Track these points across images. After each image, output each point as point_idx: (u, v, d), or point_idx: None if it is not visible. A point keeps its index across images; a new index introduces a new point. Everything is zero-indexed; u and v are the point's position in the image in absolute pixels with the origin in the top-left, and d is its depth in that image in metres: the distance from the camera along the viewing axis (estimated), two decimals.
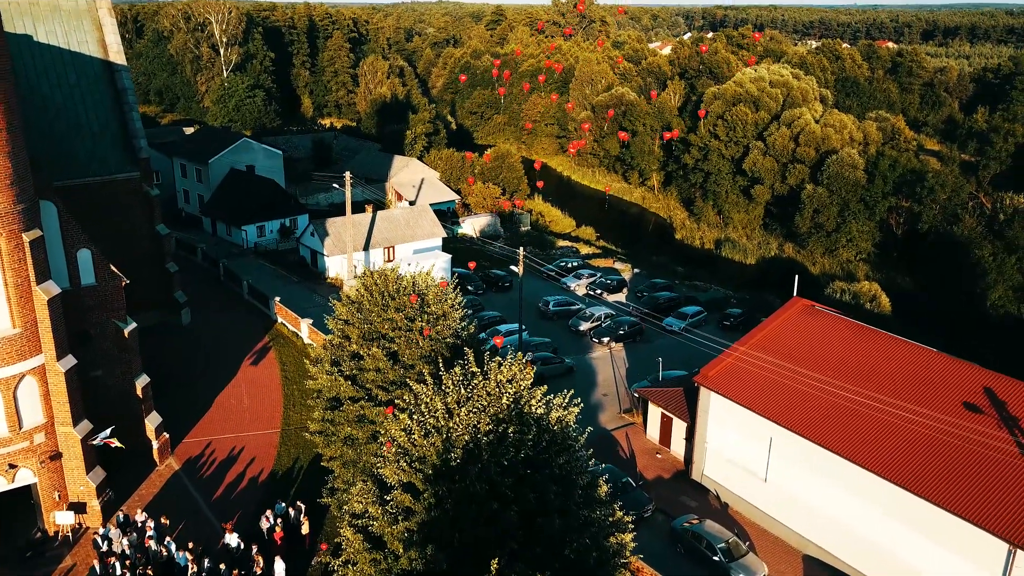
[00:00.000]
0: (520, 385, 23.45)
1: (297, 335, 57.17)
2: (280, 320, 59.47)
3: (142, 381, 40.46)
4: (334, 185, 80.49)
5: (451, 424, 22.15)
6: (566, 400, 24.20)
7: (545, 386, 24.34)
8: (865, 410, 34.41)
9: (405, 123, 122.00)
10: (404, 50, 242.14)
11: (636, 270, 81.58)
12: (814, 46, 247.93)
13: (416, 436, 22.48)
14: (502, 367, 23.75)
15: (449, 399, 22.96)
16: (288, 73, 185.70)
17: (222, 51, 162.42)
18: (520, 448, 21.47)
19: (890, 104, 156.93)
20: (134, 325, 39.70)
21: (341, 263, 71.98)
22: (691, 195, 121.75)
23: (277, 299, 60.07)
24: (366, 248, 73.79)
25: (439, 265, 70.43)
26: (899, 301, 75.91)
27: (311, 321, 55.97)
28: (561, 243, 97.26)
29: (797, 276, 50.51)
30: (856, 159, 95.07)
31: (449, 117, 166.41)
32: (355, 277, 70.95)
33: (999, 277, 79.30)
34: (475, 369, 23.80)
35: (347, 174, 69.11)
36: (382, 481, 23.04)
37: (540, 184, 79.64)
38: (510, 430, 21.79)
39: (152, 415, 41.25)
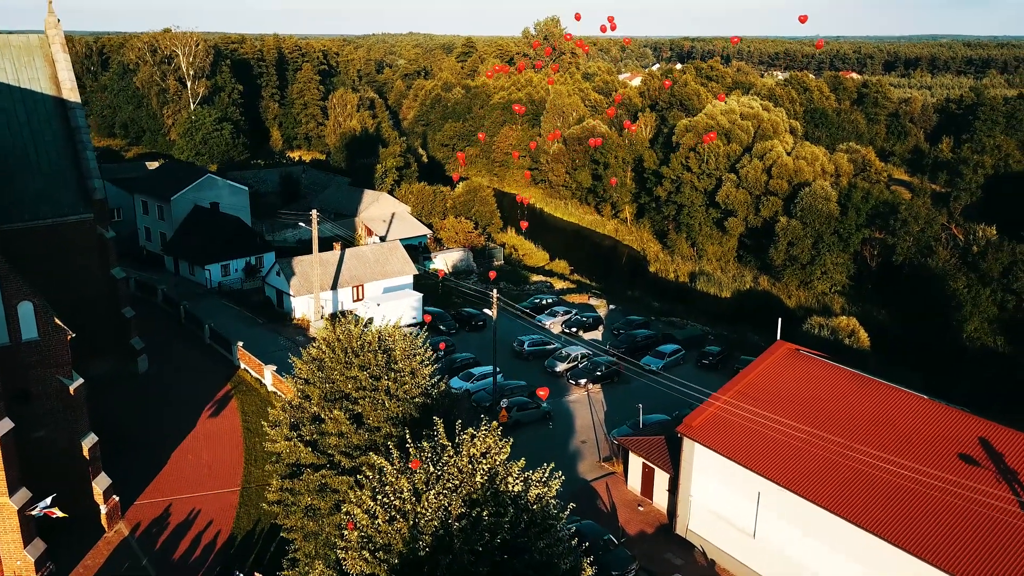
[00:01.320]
0: (495, 460, 21.46)
1: (261, 382, 54.59)
2: (243, 366, 56.86)
3: (89, 441, 37.73)
4: (300, 224, 78.30)
5: (419, 508, 20.05)
6: (546, 474, 22.21)
7: (523, 460, 22.32)
8: (859, 465, 32.79)
9: (375, 157, 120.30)
10: (375, 82, 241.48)
11: (612, 306, 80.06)
12: (781, 78, 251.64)
13: (380, 521, 20.33)
14: (475, 439, 21.75)
15: (417, 479, 20.88)
16: (257, 106, 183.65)
17: (189, 84, 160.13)
18: (496, 532, 19.45)
19: (858, 135, 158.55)
20: (81, 381, 37.07)
21: (308, 303, 69.55)
22: (664, 227, 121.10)
23: (240, 344, 57.49)
24: (334, 287, 71.50)
25: (410, 304, 68.35)
26: (877, 335, 75.11)
27: (275, 368, 53.45)
28: (535, 278, 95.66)
29: (780, 319, 49.09)
30: (829, 191, 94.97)
31: (420, 150, 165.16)
32: (322, 318, 68.63)
33: (974, 309, 78.97)
34: (445, 442, 21.78)
35: (313, 212, 66.99)
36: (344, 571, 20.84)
37: (524, 225, 77.91)
38: (484, 513, 19.75)
39: (100, 477, 38.47)
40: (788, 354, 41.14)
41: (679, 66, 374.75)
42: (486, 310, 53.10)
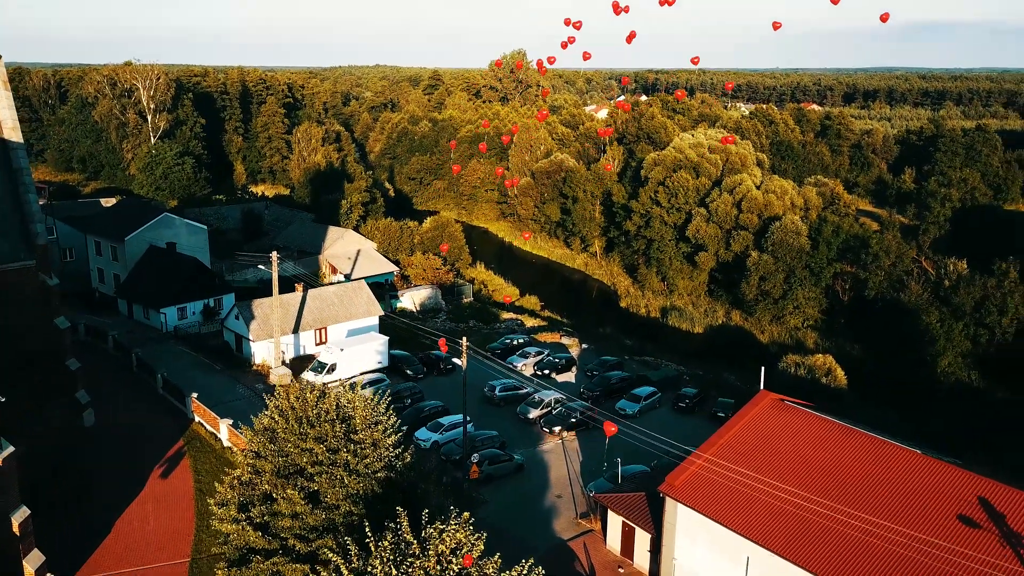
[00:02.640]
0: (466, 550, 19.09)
1: (216, 437, 51.43)
2: (197, 419, 53.65)
3: (20, 515, 34.35)
4: (259, 266, 75.43)
5: None
6: (525, 570, 19.87)
7: (499, 557, 19.96)
8: (852, 531, 30.85)
9: (340, 192, 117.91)
10: (341, 114, 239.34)
11: (584, 345, 78.10)
12: (746, 110, 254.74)
13: None
14: (444, 534, 19.38)
15: None
16: (220, 139, 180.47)
17: (149, 117, 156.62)
18: None
19: (824, 167, 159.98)
20: (10, 450, 33.80)
21: (268, 348, 66.50)
22: (634, 261, 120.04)
23: (194, 396, 54.29)
24: (296, 331, 68.63)
25: (375, 348, 65.69)
26: (853, 372, 74.03)
27: (231, 421, 50.37)
28: (505, 315, 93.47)
29: (763, 368, 47.43)
30: (799, 225, 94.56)
31: (387, 184, 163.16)
32: (283, 364, 65.66)
33: (947, 344, 78.51)
34: (410, 538, 19.37)
35: (273, 254, 64.27)
36: None
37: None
38: None
39: (33, 554, 35.03)
40: (772, 405, 39.32)
41: (644, 98, 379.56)
42: (455, 359, 50.70)
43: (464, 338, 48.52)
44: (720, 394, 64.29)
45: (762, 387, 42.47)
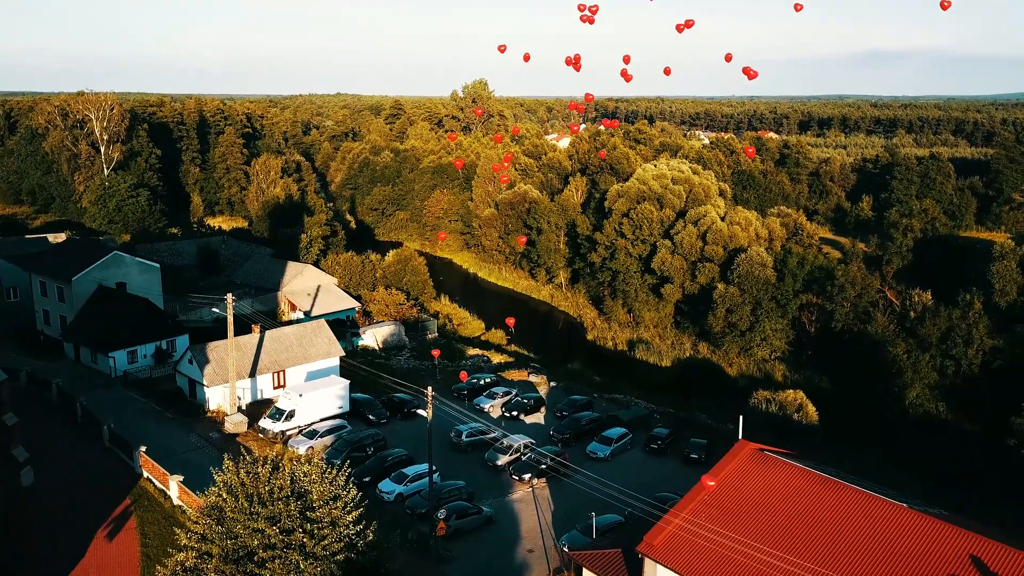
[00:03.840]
0: None
1: (165, 495, 48.43)
2: (146, 475, 50.58)
3: None
4: (213, 310, 72.62)
5: None
6: None
7: None
8: None
9: (300, 225, 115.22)
10: (301, 143, 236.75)
11: (553, 383, 76.33)
12: (706, 139, 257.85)
13: None
14: None
15: None
16: (177, 170, 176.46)
17: (102, 148, 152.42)
18: None
19: (784, 196, 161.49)
20: None
21: (224, 394, 63.59)
22: (600, 293, 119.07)
23: (142, 449, 51.24)
24: (253, 374, 65.78)
25: (335, 393, 63.15)
26: (823, 406, 73.32)
27: (181, 478, 47.48)
28: (471, 351, 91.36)
29: (742, 417, 46.11)
30: (765, 257, 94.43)
31: (348, 216, 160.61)
32: (239, 410, 62.76)
33: (915, 376, 78.31)
34: None
35: (228, 296, 61.67)
36: None
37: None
38: None
39: None
40: (752, 456, 37.88)
41: (603, 126, 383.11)
42: (420, 410, 48.53)
43: (429, 388, 46.44)
44: (692, 434, 62.92)
45: (740, 435, 41.07)
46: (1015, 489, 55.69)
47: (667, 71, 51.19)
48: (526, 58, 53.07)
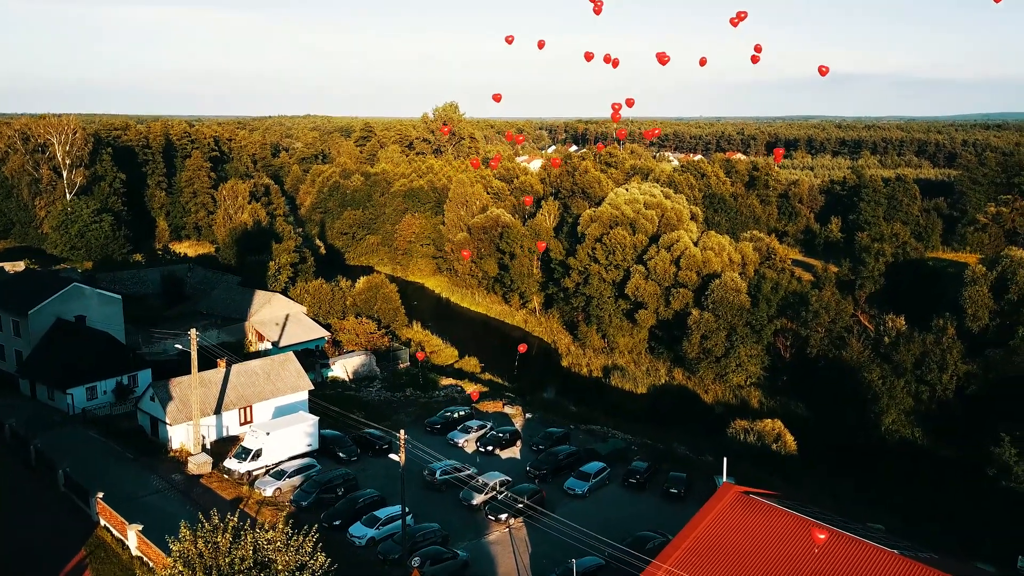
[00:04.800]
0: None
1: (123, 545, 46.05)
2: (103, 523, 48.14)
3: None
4: (176, 346, 70.16)
5: None
6: None
7: None
8: None
9: (268, 252, 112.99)
10: (270, 166, 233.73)
11: (528, 414, 74.84)
12: (676, 161, 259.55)
13: None
14: None
15: None
16: (142, 195, 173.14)
17: (65, 173, 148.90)
18: None
19: (755, 218, 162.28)
20: None
21: (187, 432, 61.23)
22: (574, 318, 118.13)
23: (99, 495, 48.81)
24: (218, 411, 63.50)
25: (304, 430, 61.09)
26: (799, 432, 72.85)
27: (140, 527, 45.17)
28: (445, 381, 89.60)
29: (726, 459, 45.07)
30: (739, 282, 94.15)
31: (318, 241, 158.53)
32: (204, 450, 60.44)
33: (890, 402, 78.11)
34: None
35: (192, 331, 59.54)
36: None
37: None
38: None
39: None
40: (737, 501, 36.74)
41: (574, 148, 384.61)
42: (393, 456, 46.82)
43: (402, 431, 44.79)
44: (671, 467, 61.80)
45: (724, 477, 39.96)
46: (995, 525, 55.20)
47: (630, 102, 51.57)
48: (496, 98, 52.74)
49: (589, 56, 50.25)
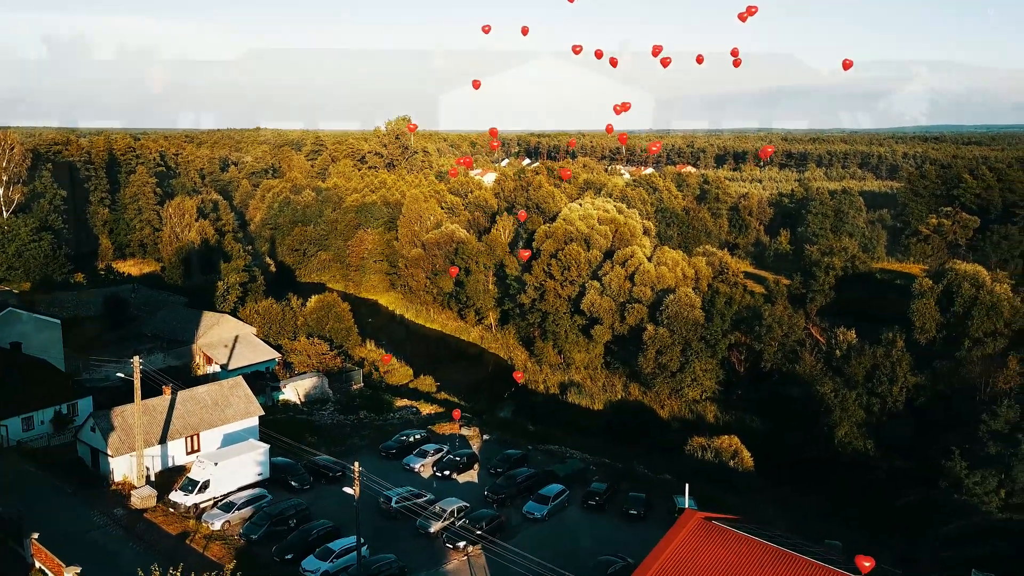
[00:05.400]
0: None
1: None
2: (38, 565, 45.64)
3: None
4: (119, 375, 67.55)
5: None
6: None
7: None
8: None
9: (216, 272, 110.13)
10: (219, 181, 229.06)
11: (486, 436, 73.84)
12: (625, 173, 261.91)
13: None
14: None
15: None
16: (84, 212, 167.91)
17: (1, 190, 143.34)
18: None
19: (707, 232, 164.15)
20: None
21: (130, 463, 58.78)
22: (530, 334, 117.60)
23: (34, 536, 46.30)
24: (163, 440, 61.16)
25: (254, 459, 59.15)
26: (756, 449, 73.15)
27: (79, 569, 42.89)
28: (400, 402, 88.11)
29: (688, 485, 44.70)
30: (693, 298, 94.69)
31: (268, 259, 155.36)
32: (147, 482, 58.07)
33: (843, 414, 79.03)
34: None
35: (135, 359, 57.25)
36: None
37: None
38: None
39: None
40: (700, 527, 36.31)
41: (527, 161, 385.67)
42: (347, 489, 45.36)
43: (356, 464, 43.45)
44: (630, 486, 61.43)
45: (687, 503, 39.54)
46: (949, 538, 55.89)
47: (626, 106, 52.02)
48: (475, 85, 53.12)
49: (577, 49, 51.08)
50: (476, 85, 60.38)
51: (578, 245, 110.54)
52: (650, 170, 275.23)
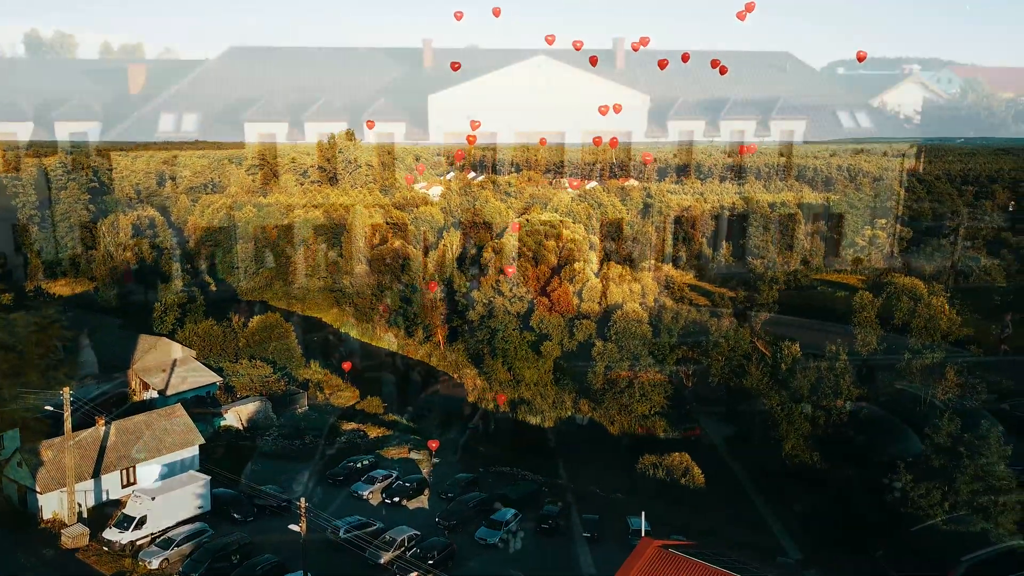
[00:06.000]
0: None
1: None
2: None
3: None
4: (47, 407, 64.30)
5: None
6: None
7: None
8: None
9: (153, 292, 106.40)
10: (156, 196, 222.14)
11: (435, 459, 72.52)
12: (570, 189, 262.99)
13: None
14: None
15: None
16: (11, 230, 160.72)
17: None
18: None
19: (651, 245, 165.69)
20: None
21: (61, 500, 55.82)
22: (479, 351, 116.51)
23: None
24: (96, 474, 58.40)
25: (194, 492, 56.82)
26: (707, 465, 73.48)
27: None
28: (347, 426, 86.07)
29: (643, 512, 44.27)
30: (640, 313, 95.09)
31: (208, 277, 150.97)
32: (79, 519, 55.21)
33: (789, 428, 79.94)
34: None
35: (65, 390, 54.50)
36: None
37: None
38: None
39: None
40: (656, 557, 35.82)
41: (472, 174, 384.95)
42: (293, 527, 43.72)
43: (302, 499, 41.86)
44: (583, 508, 60.98)
45: (643, 531, 39.08)
46: (898, 551, 56.80)
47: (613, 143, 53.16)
48: (454, 67, 52.81)
49: (550, 39, 51.91)
50: (455, 67, 60.67)
51: (526, 261, 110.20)
52: (593, 184, 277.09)
